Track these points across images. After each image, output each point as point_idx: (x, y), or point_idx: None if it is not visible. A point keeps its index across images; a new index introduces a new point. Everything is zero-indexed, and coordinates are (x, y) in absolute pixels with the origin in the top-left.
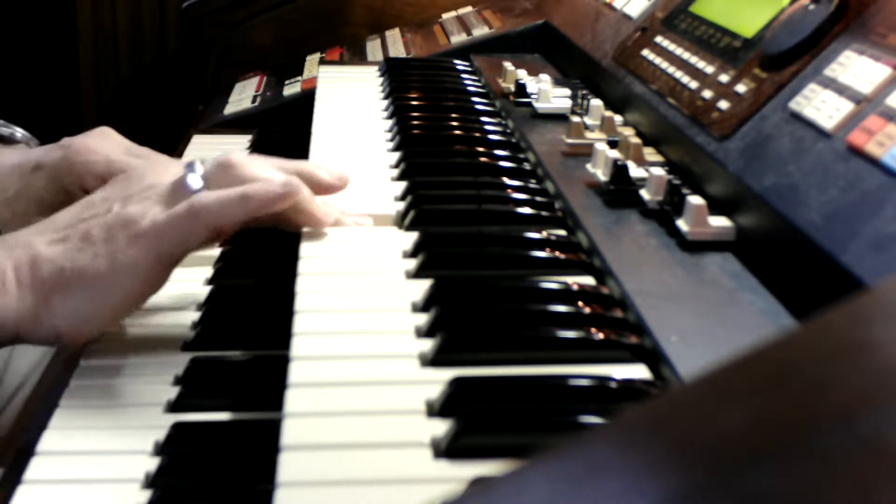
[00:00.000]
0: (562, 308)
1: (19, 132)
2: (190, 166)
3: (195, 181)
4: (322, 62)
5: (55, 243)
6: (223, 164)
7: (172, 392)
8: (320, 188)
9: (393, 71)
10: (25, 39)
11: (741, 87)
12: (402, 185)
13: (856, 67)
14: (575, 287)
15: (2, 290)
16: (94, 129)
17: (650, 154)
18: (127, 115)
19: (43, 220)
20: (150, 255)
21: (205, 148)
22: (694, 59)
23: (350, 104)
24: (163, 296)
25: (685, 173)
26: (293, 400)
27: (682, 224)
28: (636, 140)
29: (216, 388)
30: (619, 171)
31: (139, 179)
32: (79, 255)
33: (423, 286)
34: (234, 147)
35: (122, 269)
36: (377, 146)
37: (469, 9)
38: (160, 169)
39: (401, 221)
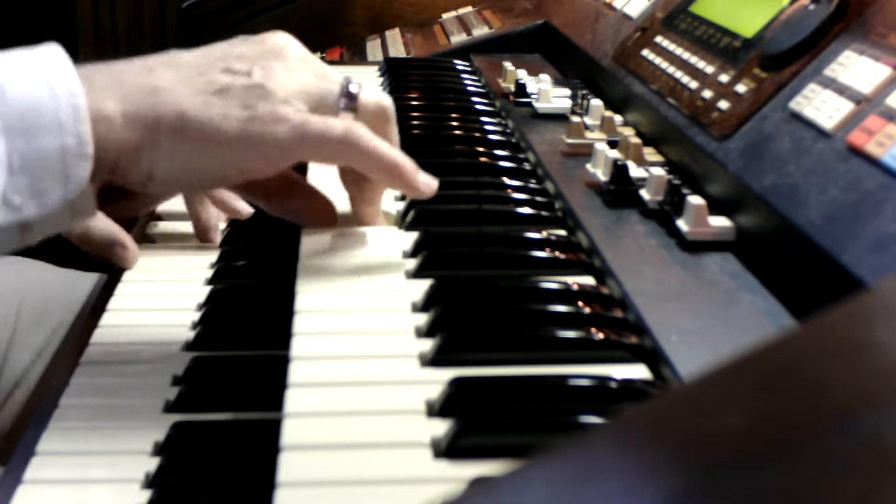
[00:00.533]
0: (562, 308)
1: None
2: (349, 85)
3: (347, 103)
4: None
5: (181, 82)
6: (382, 110)
7: (172, 392)
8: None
9: (393, 71)
10: (26, 39)
11: (741, 87)
12: None
13: (856, 67)
14: (575, 287)
15: (102, 120)
16: None
17: (650, 154)
18: None
19: (162, 54)
20: (285, 149)
21: None
22: (694, 59)
23: None
24: (163, 296)
25: (685, 173)
26: (293, 400)
27: (682, 224)
28: (636, 140)
29: (216, 388)
30: (619, 171)
31: (280, 53)
32: (209, 107)
33: (423, 286)
34: None
35: (249, 146)
36: None
37: (469, 9)
38: (296, 56)
39: (401, 221)
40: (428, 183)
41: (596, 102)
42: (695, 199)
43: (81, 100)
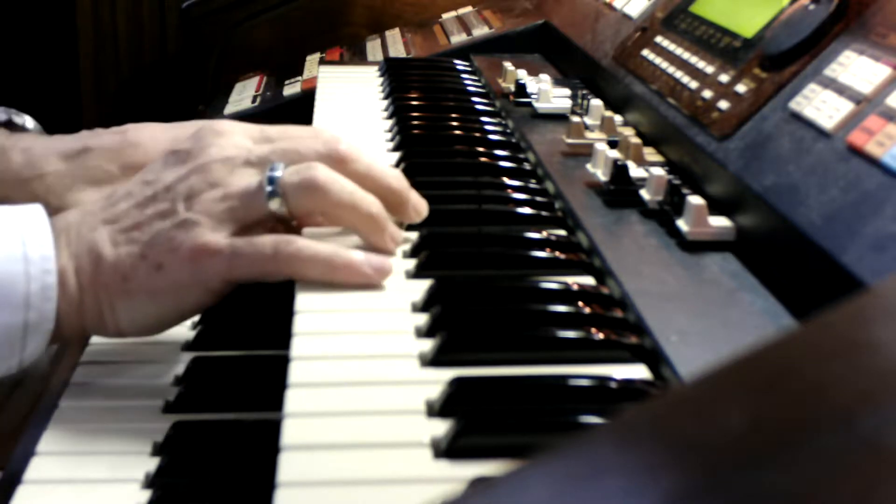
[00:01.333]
0: (562, 308)
1: (31, 122)
2: (269, 177)
3: (272, 196)
4: (322, 62)
5: (118, 243)
6: (309, 188)
7: (172, 392)
8: (398, 213)
9: (393, 71)
10: (26, 39)
11: (741, 87)
12: None
13: (856, 67)
14: (575, 287)
15: (65, 293)
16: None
17: (650, 154)
18: (127, 115)
19: (100, 201)
20: (220, 277)
21: None
22: (694, 59)
23: (350, 104)
24: None
25: (685, 173)
26: (293, 400)
27: (682, 224)
28: (636, 140)
29: (216, 388)
30: (619, 171)
31: (206, 168)
32: (142, 264)
33: (423, 286)
34: None
35: (191, 288)
36: (377, 146)
37: (469, 9)
38: (221, 162)
39: (401, 221)
40: (377, 268)
41: (596, 102)
42: (695, 199)
43: (53, 278)
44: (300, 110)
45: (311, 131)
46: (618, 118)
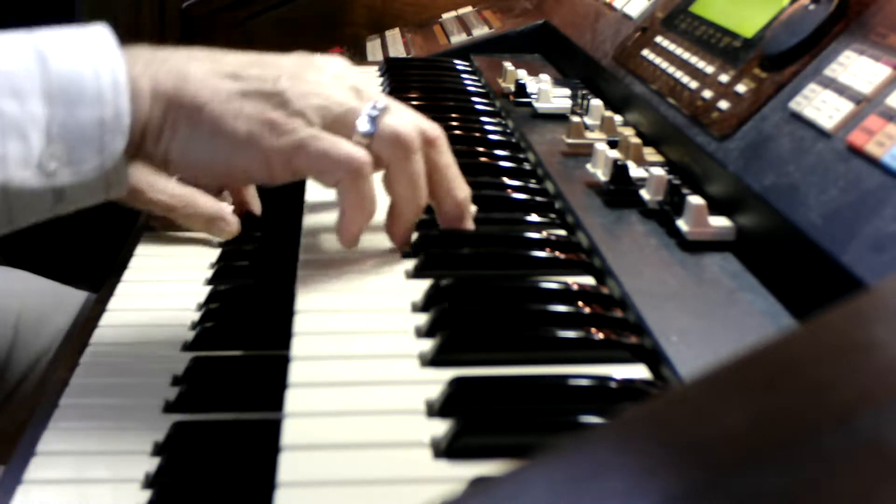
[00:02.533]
0: (562, 308)
1: None
2: (373, 109)
3: (364, 127)
4: None
5: (212, 75)
6: (399, 142)
7: (172, 392)
8: (453, 224)
9: (393, 71)
10: None
11: (741, 87)
12: None
13: (856, 67)
14: (575, 287)
15: (136, 99)
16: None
17: (650, 154)
18: None
19: (211, 50)
20: (285, 158)
21: None
22: (694, 59)
23: None
24: (163, 296)
25: (685, 173)
26: (293, 400)
27: (682, 224)
28: (636, 140)
29: (216, 388)
30: (619, 171)
31: (317, 69)
32: (226, 102)
33: (423, 286)
34: None
35: (254, 147)
36: None
37: (469, 9)
38: (333, 74)
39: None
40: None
41: (596, 102)
42: (695, 199)
43: (122, 76)
44: None
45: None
46: (618, 118)
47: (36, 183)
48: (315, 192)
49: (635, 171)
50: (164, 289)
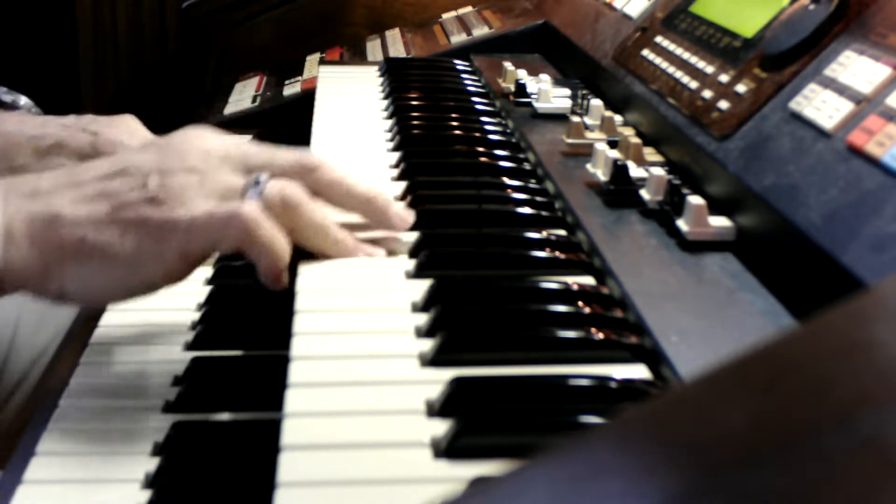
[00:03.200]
0: (562, 308)
1: (23, 99)
2: (254, 183)
3: (251, 197)
4: (322, 62)
5: (80, 203)
6: (288, 205)
7: (172, 392)
8: (382, 223)
9: (393, 71)
10: (25, 39)
11: (741, 87)
12: (402, 185)
13: (856, 67)
14: (575, 287)
15: (10, 241)
16: (118, 118)
17: (650, 154)
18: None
19: (67, 168)
20: (179, 250)
21: None
22: (694, 59)
23: (350, 104)
24: (163, 296)
25: (685, 173)
26: (293, 400)
27: (682, 224)
28: (636, 140)
29: (216, 388)
30: (619, 171)
31: (183, 155)
32: (103, 228)
33: (423, 286)
34: None
35: (147, 257)
36: (377, 146)
37: (469, 9)
38: (200, 156)
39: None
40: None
41: (596, 102)
42: (695, 199)
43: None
44: (300, 110)
45: (287, 149)
46: (618, 118)
47: None
48: None
49: (635, 171)
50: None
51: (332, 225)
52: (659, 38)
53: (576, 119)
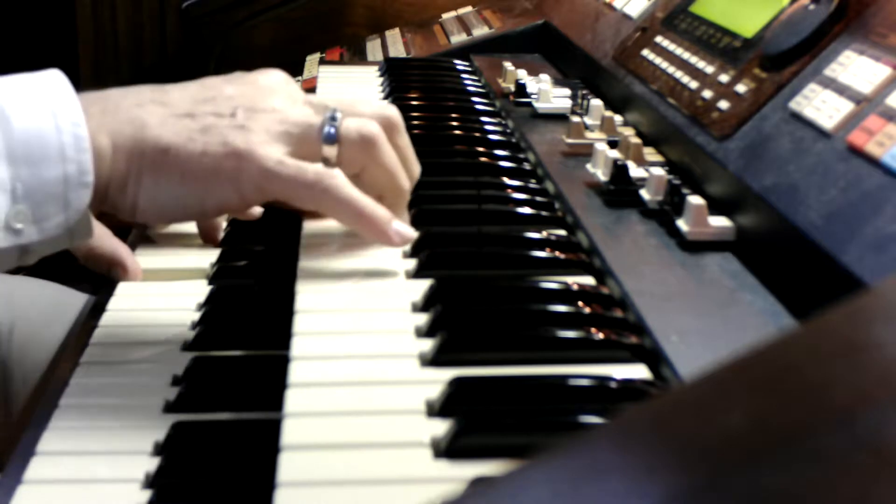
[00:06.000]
0: (562, 308)
1: None
2: (331, 119)
3: (329, 140)
4: (322, 62)
5: (168, 118)
6: (365, 139)
7: (172, 392)
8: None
9: (393, 71)
10: (25, 39)
11: (741, 87)
12: None
13: (856, 67)
14: (575, 287)
15: (97, 151)
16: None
17: (650, 154)
18: None
19: (151, 87)
20: (256, 184)
21: None
22: (694, 59)
23: None
24: (163, 296)
25: (685, 173)
26: (293, 400)
27: (682, 224)
28: (636, 140)
29: (216, 388)
30: (619, 171)
31: (267, 93)
32: (189, 143)
33: (423, 286)
34: None
35: (225, 179)
36: None
37: (469, 9)
38: (284, 94)
39: None
40: (401, 234)
41: (596, 102)
42: (695, 199)
43: (83, 130)
44: None
45: (365, 99)
46: (618, 118)
47: (3, 243)
48: None
49: (635, 171)
50: (164, 289)
51: (401, 170)
52: (659, 38)
53: (576, 119)
